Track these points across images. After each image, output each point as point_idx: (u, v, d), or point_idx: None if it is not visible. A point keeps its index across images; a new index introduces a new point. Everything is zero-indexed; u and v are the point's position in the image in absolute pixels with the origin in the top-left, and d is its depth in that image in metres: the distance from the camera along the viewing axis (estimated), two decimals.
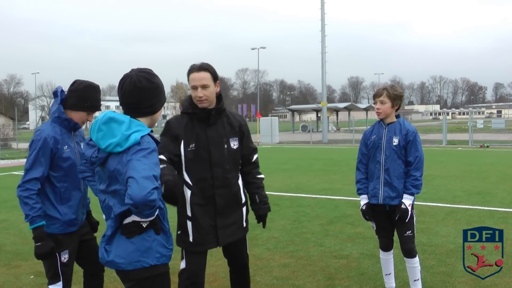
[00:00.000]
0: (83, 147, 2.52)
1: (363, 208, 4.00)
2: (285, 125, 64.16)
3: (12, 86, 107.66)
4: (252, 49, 61.23)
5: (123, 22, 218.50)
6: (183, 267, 3.17)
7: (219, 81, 3.26)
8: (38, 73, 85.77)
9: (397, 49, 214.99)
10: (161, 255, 2.40)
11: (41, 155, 3.06)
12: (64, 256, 3.20)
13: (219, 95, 3.26)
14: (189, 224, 3.16)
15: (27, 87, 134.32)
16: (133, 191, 2.10)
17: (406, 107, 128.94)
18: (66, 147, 3.16)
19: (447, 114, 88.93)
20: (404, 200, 3.80)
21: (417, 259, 3.93)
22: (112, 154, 2.32)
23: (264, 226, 3.54)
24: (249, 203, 3.46)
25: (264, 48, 60.20)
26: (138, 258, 2.33)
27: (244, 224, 3.39)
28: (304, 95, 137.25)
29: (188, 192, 3.16)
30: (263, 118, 34.13)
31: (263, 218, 3.46)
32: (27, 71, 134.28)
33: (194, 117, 3.19)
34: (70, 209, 3.19)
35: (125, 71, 2.48)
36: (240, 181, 3.37)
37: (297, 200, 9.07)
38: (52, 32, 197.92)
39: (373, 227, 4.11)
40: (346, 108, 53.78)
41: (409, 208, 3.80)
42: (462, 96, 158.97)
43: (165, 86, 2.61)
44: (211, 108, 3.19)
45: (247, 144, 3.43)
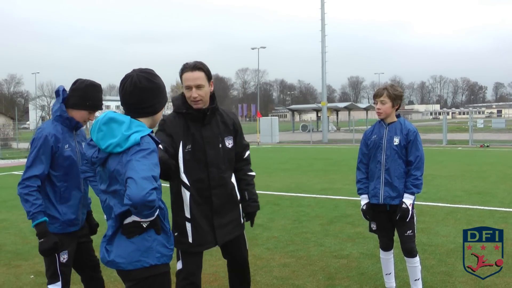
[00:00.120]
0: (84, 147, 2.52)
1: (364, 208, 4.00)
2: (285, 125, 64.16)
3: (12, 86, 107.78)
4: (252, 49, 61.25)
5: (123, 22, 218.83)
6: (180, 268, 3.14)
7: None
8: (38, 73, 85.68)
9: (397, 49, 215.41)
10: (162, 255, 2.39)
11: (42, 153, 3.06)
12: (64, 256, 3.19)
13: (213, 94, 3.19)
14: (188, 226, 3.11)
15: (27, 87, 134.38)
16: (132, 192, 2.10)
17: (406, 107, 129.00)
18: (67, 146, 3.16)
19: (447, 114, 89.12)
20: (405, 200, 3.81)
21: (418, 259, 3.93)
22: (112, 155, 2.32)
23: (252, 225, 3.50)
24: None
25: (264, 48, 60.18)
26: (139, 258, 2.33)
27: (242, 221, 3.37)
28: (304, 95, 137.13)
29: (187, 193, 3.12)
30: (263, 118, 34.15)
31: (252, 216, 3.42)
32: (27, 71, 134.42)
33: (188, 117, 3.12)
34: (70, 209, 3.19)
35: (125, 71, 2.48)
36: (234, 179, 3.34)
37: (297, 200, 9.07)
38: (52, 32, 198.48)
39: (371, 227, 4.10)
40: (346, 108, 53.81)
41: (410, 208, 3.80)
42: (462, 96, 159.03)
43: (166, 86, 2.60)
44: (206, 108, 3.13)
45: (240, 141, 3.40)
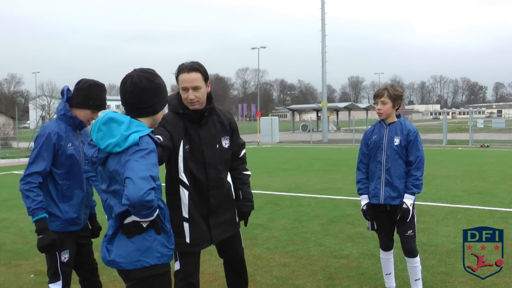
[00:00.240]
0: (85, 147, 2.53)
1: (364, 208, 4.00)
2: (285, 125, 64.15)
3: (13, 85, 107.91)
4: (253, 49, 61.24)
5: (124, 21, 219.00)
6: (178, 269, 3.13)
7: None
8: (39, 72, 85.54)
9: (397, 49, 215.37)
10: (162, 255, 2.40)
11: (44, 150, 3.09)
12: (65, 256, 3.19)
13: (209, 94, 3.16)
14: (186, 226, 3.10)
15: (28, 86, 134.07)
16: (130, 192, 2.10)
17: (407, 107, 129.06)
18: (70, 145, 3.17)
19: (447, 114, 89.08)
20: (406, 200, 3.81)
21: (418, 259, 3.93)
22: (112, 154, 2.32)
23: (246, 224, 3.49)
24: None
25: (265, 48, 60.14)
26: (139, 258, 2.33)
27: (237, 220, 3.36)
28: (304, 95, 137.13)
29: (186, 193, 3.10)
30: (263, 118, 34.14)
31: (246, 216, 3.40)
32: (28, 70, 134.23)
33: (185, 118, 3.10)
34: (72, 208, 3.19)
35: (126, 70, 2.48)
36: (229, 178, 3.33)
37: (297, 200, 9.07)
38: (53, 31, 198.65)
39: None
40: (346, 108, 53.82)
41: (411, 208, 3.80)
42: (463, 96, 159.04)
43: (166, 86, 2.59)
44: (204, 109, 3.10)
45: (236, 140, 3.39)
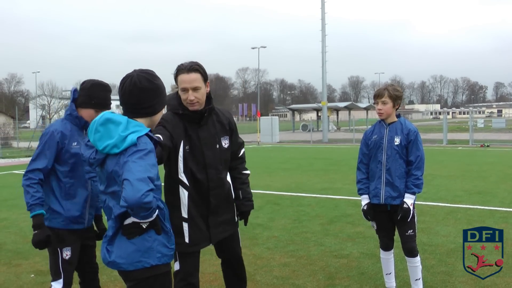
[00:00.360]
0: (82, 148, 2.50)
1: (365, 208, 4.00)
2: (286, 125, 64.12)
3: (13, 85, 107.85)
4: (253, 49, 61.32)
5: (124, 21, 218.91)
6: (177, 269, 3.12)
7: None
8: (39, 72, 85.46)
9: (398, 49, 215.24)
10: (163, 255, 2.39)
11: (47, 148, 3.15)
12: (66, 253, 3.20)
13: (209, 94, 3.15)
14: (185, 226, 3.09)
15: (28, 86, 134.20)
16: (127, 194, 2.09)
17: (407, 107, 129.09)
18: (75, 144, 3.20)
19: (448, 114, 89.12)
20: (406, 200, 3.81)
21: (418, 259, 3.93)
22: (110, 155, 2.31)
23: (246, 224, 3.49)
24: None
25: (265, 48, 60.20)
26: (139, 259, 2.33)
27: (236, 219, 3.37)
28: (305, 95, 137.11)
29: (185, 193, 3.10)
30: (264, 118, 34.13)
31: (245, 215, 3.40)
32: (28, 70, 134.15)
33: (185, 118, 3.09)
34: (74, 206, 3.21)
35: (126, 70, 2.49)
36: (229, 178, 3.33)
37: (298, 200, 9.07)
38: (53, 31, 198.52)
39: (373, 227, 4.11)
40: (347, 108, 53.82)
41: (411, 208, 3.80)
42: (463, 96, 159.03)
43: (166, 86, 2.59)
44: (204, 109, 3.09)
45: (236, 140, 3.39)
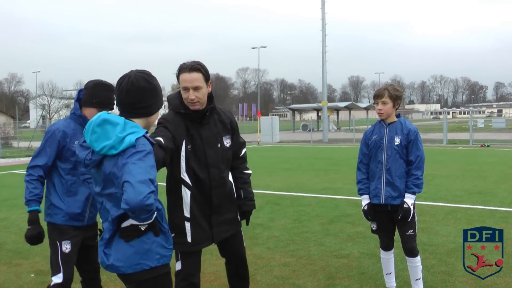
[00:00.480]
0: (77, 149, 2.46)
1: (365, 209, 3.99)
2: (286, 124, 64.10)
3: (13, 85, 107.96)
4: (253, 48, 61.43)
5: (124, 22, 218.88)
6: (179, 269, 3.12)
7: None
8: (39, 72, 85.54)
9: (398, 48, 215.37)
10: (161, 256, 2.38)
11: (48, 146, 3.23)
12: (66, 246, 3.21)
13: (210, 93, 3.14)
14: (188, 225, 3.10)
15: (28, 86, 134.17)
16: (129, 196, 2.07)
17: (407, 106, 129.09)
18: (78, 142, 3.21)
19: (448, 114, 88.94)
20: (406, 200, 3.80)
21: (419, 258, 3.93)
22: (107, 157, 2.28)
23: (248, 224, 3.48)
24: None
25: (265, 47, 60.37)
26: (138, 261, 2.31)
27: (239, 219, 3.37)
28: (305, 94, 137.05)
29: (188, 193, 3.10)
30: (264, 117, 34.12)
31: (247, 215, 3.40)
32: (28, 70, 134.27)
33: (187, 117, 3.09)
34: (75, 203, 3.25)
35: (125, 71, 2.48)
36: (231, 177, 3.33)
37: (298, 199, 9.07)
38: (53, 31, 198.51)
39: (372, 228, 4.10)
40: (347, 107, 53.82)
41: (412, 207, 3.80)
42: (463, 95, 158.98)
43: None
44: (205, 109, 3.09)
45: (237, 140, 3.39)
